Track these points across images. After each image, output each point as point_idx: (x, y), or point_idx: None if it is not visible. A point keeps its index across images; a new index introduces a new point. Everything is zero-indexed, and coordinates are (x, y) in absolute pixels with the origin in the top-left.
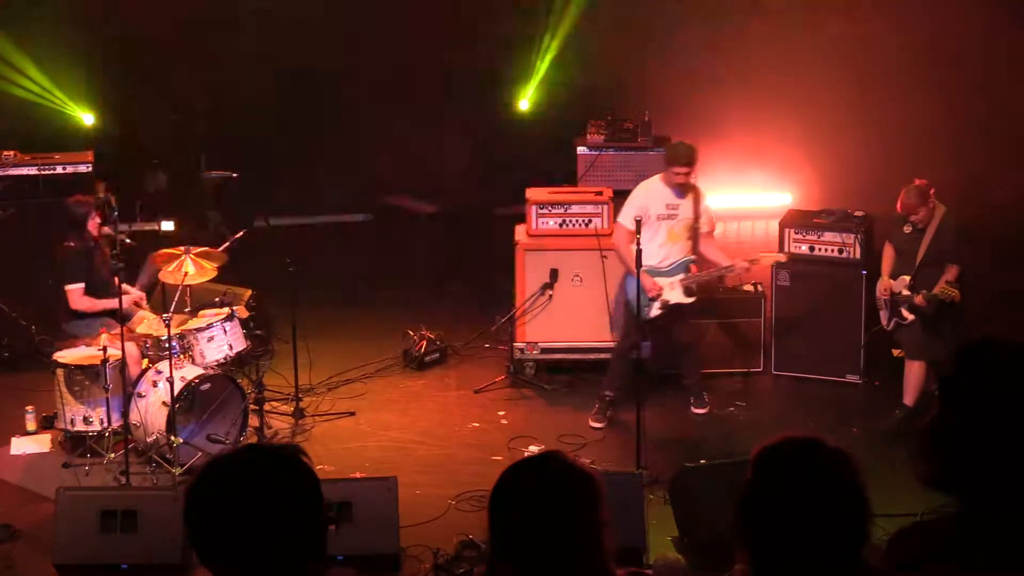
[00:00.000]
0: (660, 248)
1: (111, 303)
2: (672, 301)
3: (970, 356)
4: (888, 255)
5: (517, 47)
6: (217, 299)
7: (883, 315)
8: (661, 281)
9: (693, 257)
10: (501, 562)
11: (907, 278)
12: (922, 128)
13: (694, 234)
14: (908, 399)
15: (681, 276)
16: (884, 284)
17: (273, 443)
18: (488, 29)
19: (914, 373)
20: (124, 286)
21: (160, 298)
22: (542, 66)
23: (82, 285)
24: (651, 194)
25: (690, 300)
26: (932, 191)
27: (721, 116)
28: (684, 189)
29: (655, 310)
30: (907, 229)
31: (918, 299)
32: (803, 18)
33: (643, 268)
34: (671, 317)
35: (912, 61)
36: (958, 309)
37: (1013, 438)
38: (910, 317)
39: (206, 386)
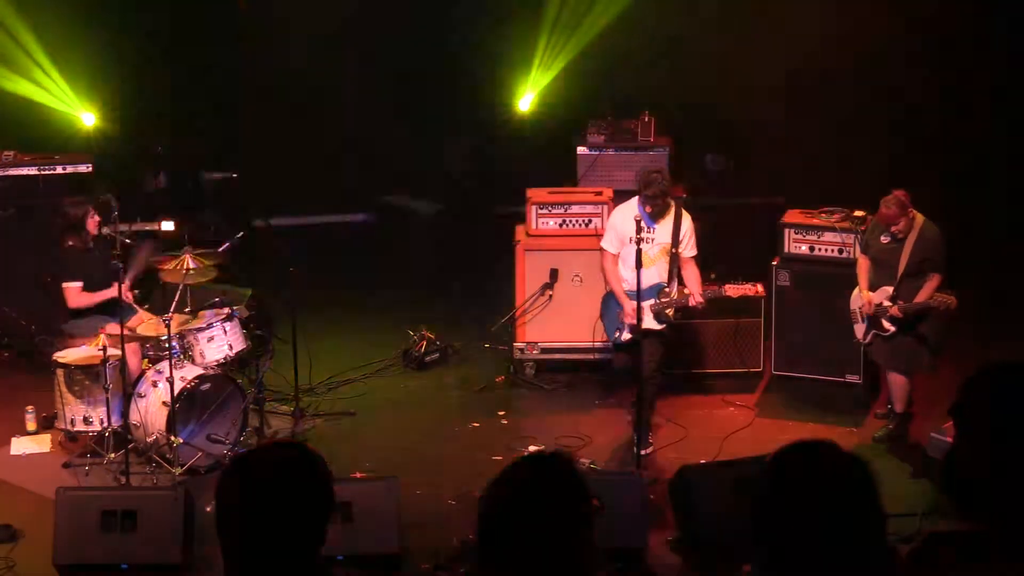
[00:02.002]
0: (631, 272)
1: (111, 291)
2: (642, 326)
3: (981, 383)
4: (864, 267)
5: (518, 47)
6: (217, 299)
7: (858, 328)
8: (631, 306)
9: (665, 282)
10: (490, 566)
11: (889, 289)
12: (923, 128)
13: (671, 258)
14: (898, 407)
15: (652, 301)
16: (867, 298)
17: (294, 441)
18: (489, 29)
19: (898, 383)
20: (124, 290)
21: (160, 298)
22: (543, 66)
23: (80, 284)
24: (626, 217)
25: (660, 327)
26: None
27: (721, 116)
28: (656, 215)
29: (625, 334)
30: (885, 239)
31: (893, 311)
32: (802, 18)
33: (626, 290)
34: (643, 345)
35: (915, 62)
36: (936, 318)
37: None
38: (892, 328)
39: (206, 386)
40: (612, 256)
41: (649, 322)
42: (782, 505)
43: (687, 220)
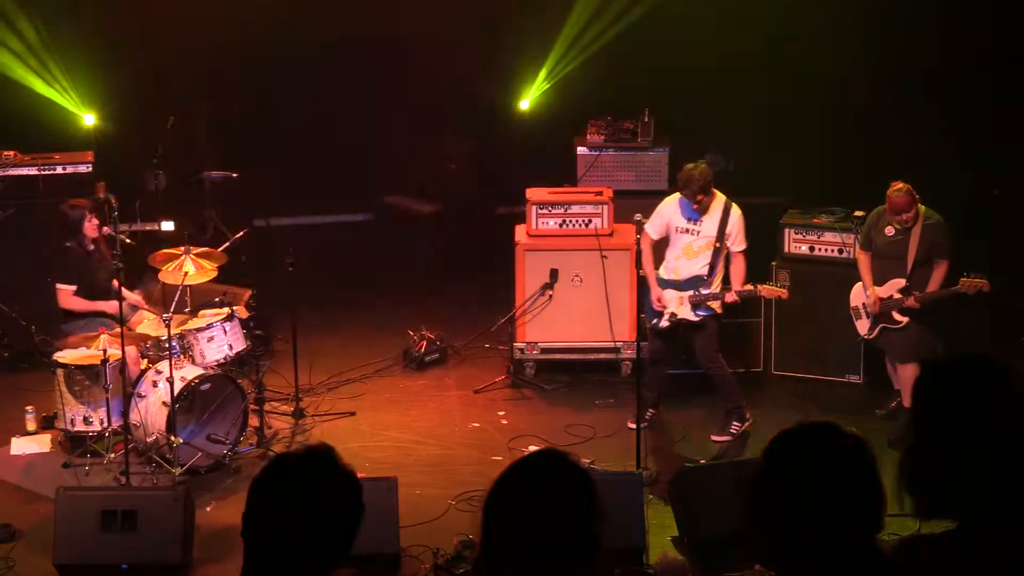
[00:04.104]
0: (675, 260)
1: (106, 305)
2: (679, 316)
3: (931, 379)
4: (865, 263)
5: (519, 47)
6: (217, 299)
7: (861, 324)
8: (671, 294)
9: (705, 275)
10: (493, 563)
11: (902, 281)
12: (922, 128)
13: (715, 252)
14: (909, 401)
15: (691, 293)
16: (873, 295)
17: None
18: (490, 29)
19: (910, 376)
20: (124, 291)
21: (160, 298)
22: (543, 66)
23: (73, 287)
24: (676, 207)
25: (696, 318)
26: None
27: (721, 115)
28: (702, 210)
29: (664, 322)
30: (889, 231)
31: (909, 302)
32: (802, 19)
33: (660, 279)
34: (687, 334)
35: (913, 61)
36: (946, 305)
37: (988, 453)
38: (904, 320)
39: (206, 386)
40: (651, 240)
41: (686, 312)
42: (783, 484)
43: (735, 215)
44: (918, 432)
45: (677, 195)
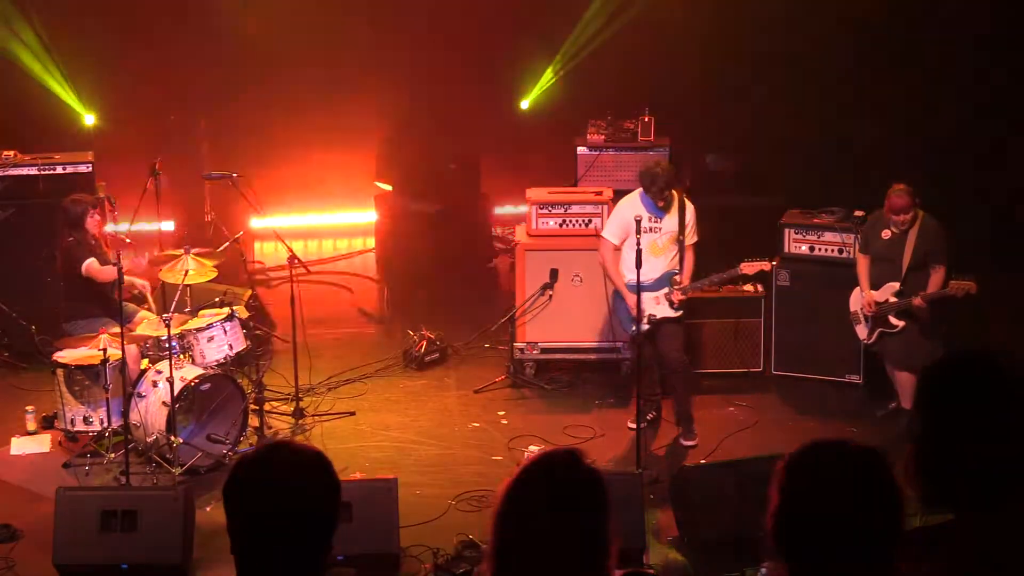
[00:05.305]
0: (643, 264)
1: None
2: (658, 316)
3: (935, 374)
4: (864, 267)
5: (519, 47)
6: (217, 299)
7: (861, 329)
8: (645, 296)
9: (676, 270)
10: (505, 563)
11: (896, 284)
12: (922, 129)
13: (679, 246)
14: (909, 403)
15: (665, 290)
16: (868, 298)
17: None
18: (490, 29)
19: (907, 380)
20: (127, 278)
21: (160, 298)
22: (544, 66)
23: (94, 259)
24: (640, 205)
25: (677, 314)
26: None
27: (721, 116)
28: (666, 206)
29: (644, 326)
30: (886, 234)
31: (917, 301)
32: (803, 21)
33: (626, 283)
34: (661, 335)
35: (912, 64)
36: (947, 311)
37: (988, 446)
38: (900, 324)
39: (206, 386)
40: (613, 247)
41: (664, 311)
42: (800, 508)
43: (690, 208)
44: (923, 425)
45: (636, 194)
